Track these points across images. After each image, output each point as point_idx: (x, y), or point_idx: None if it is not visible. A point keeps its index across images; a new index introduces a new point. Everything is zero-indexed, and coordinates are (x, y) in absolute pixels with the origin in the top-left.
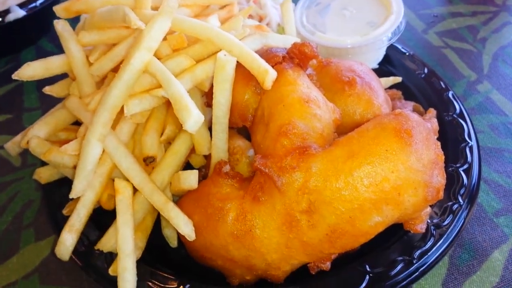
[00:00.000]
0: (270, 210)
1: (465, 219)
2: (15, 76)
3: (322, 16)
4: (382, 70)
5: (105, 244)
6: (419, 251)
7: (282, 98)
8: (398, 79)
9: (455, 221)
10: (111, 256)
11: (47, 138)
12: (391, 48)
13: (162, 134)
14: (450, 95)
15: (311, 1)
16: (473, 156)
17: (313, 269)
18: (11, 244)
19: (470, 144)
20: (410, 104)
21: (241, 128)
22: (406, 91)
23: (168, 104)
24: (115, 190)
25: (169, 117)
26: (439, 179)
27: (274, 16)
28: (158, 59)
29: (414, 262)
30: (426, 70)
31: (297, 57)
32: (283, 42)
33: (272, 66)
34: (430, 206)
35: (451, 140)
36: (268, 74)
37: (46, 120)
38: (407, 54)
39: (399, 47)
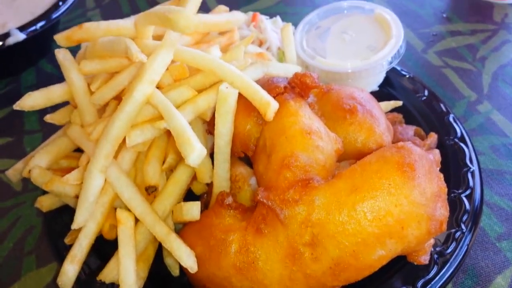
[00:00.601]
0: (273, 243)
1: (468, 245)
2: (16, 106)
3: (322, 41)
4: (383, 92)
5: (107, 275)
6: (422, 281)
7: (284, 129)
8: (399, 103)
9: (458, 248)
10: (113, 287)
11: (49, 167)
12: (391, 70)
13: (164, 162)
14: (451, 118)
15: (311, 24)
16: (475, 181)
17: None
18: (13, 271)
19: (471, 169)
20: (411, 129)
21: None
22: (407, 114)
23: (169, 132)
24: (117, 221)
25: (170, 146)
26: (442, 211)
27: (274, 40)
28: (160, 89)
29: None
30: (426, 93)
31: (298, 86)
32: (284, 71)
33: (274, 97)
34: None
35: (453, 165)
36: (270, 106)
37: (48, 149)
38: (407, 76)
39: (399, 69)
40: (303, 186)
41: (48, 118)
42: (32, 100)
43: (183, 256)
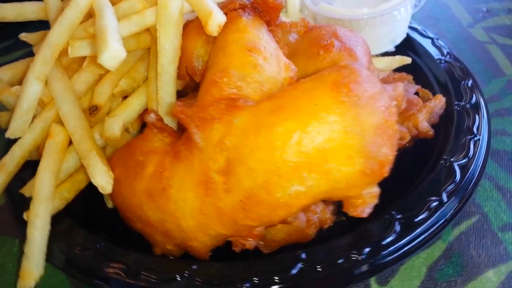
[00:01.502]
0: (188, 168)
1: (446, 219)
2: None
3: None
4: (398, 53)
5: (28, 189)
6: (371, 246)
7: (225, 45)
8: (407, 59)
9: (430, 219)
10: None
11: (10, 82)
12: (413, 31)
13: None
14: (469, 84)
15: None
16: (478, 151)
17: (236, 245)
18: None
19: (476, 138)
20: (414, 88)
21: None
22: (422, 76)
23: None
24: (48, 134)
25: (131, 71)
26: (384, 150)
27: None
28: (113, 4)
29: (363, 258)
30: (448, 57)
31: (261, 6)
32: None
33: (226, 13)
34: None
35: (456, 130)
36: (211, 16)
37: (13, 65)
38: (432, 38)
39: (422, 30)
40: (227, 105)
41: (23, 36)
42: (3, 11)
43: (97, 174)
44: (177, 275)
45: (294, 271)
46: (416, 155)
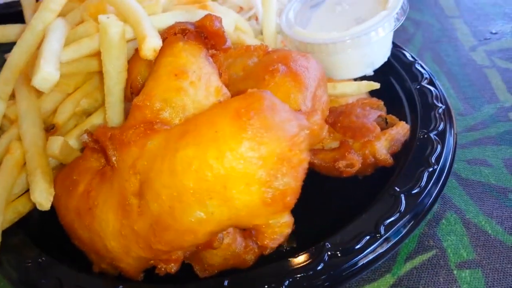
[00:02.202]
0: (109, 189)
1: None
2: None
3: (312, 11)
4: (377, 78)
5: None
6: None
7: (157, 69)
8: (375, 85)
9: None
10: None
11: None
12: (394, 55)
13: None
14: (439, 111)
15: None
16: (432, 183)
17: (159, 270)
18: None
19: (432, 169)
20: (376, 113)
21: None
22: (395, 101)
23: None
24: (8, 149)
25: (94, 91)
26: (287, 180)
27: (261, 10)
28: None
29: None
30: (425, 82)
31: (207, 34)
32: None
33: (166, 37)
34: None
35: (412, 160)
36: (145, 41)
37: None
38: (412, 61)
39: (405, 54)
40: (145, 128)
41: (8, 55)
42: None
43: (36, 191)
44: None
45: None
46: (368, 183)
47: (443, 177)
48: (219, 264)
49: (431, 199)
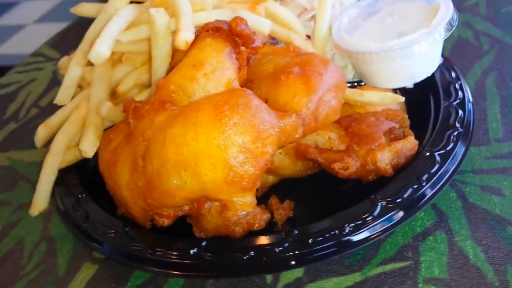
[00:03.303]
0: (129, 149)
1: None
2: (72, 10)
3: (365, 20)
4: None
5: None
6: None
7: (184, 58)
8: (399, 98)
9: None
10: None
11: None
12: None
13: None
14: (455, 133)
15: (369, 2)
16: (416, 200)
17: (156, 222)
18: None
19: (416, 186)
20: (388, 125)
21: None
22: (423, 117)
23: None
24: (77, 106)
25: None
26: (247, 167)
27: None
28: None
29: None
30: (456, 103)
31: (237, 34)
32: (253, 22)
33: (200, 32)
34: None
35: (405, 174)
36: (179, 34)
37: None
38: (452, 80)
39: (449, 71)
40: (158, 106)
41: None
42: (84, 8)
43: (84, 141)
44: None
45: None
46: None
47: (427, 197)
48: (212, 229)
49: (404, 214)
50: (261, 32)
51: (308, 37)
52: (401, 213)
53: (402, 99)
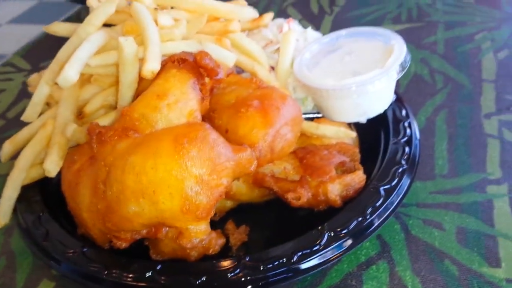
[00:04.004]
0: (91, 172)
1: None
2: (44, 28)
3: (325, 56)
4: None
5: None
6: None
7: (149, 88)
8: (351, 133)
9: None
10: None
11: None
12: (392, 110)
13: None
14: (399, 170)
15: (330, 40)
16: (361, 232)
17: (114, 244)
18: None
19: (361, 218)
20: (339, 159)
21: None
22: (371, 151)
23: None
24: (43, 124)
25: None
26: (201, 198)
27: None
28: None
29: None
30: (403, 140)
31: (201, 66)
32: (218, 55)
33: (166, 63)
34: None
35: (352, 205)
36: (146, 63)
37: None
38: (401, 119)
39: (399, 109)
40: (122, 132)
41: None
42: (57, 27)
43: (48, 160)
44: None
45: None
46: (311, 219)
47: (370, 229)
48: (169, 253)
49: (350, 244)
50: (225, 65)
51: (272, 68)
52: (347, 243)
53: (354, 134)
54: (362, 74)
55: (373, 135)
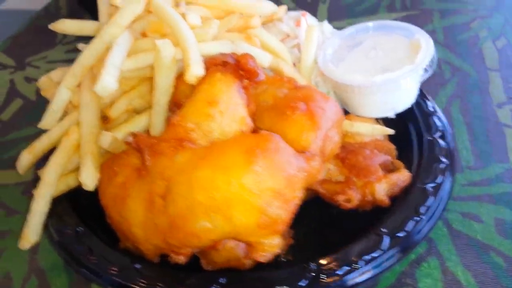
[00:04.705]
0: (142, 186)
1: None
2: (50, 26)
3: (349, 51)
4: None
5: (42, 172)
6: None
7: (196, 93)
8: (388, 131)
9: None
10: None
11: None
12: (417, 102)
13: None
14: (441, 166)
15: (350, 34)
16: (414, 232)
17: (171, 258)
18: None
19: (417, 218)
20: (382, 157)
21: None
22: (406, 148)
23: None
24: (67, 132)
25: (146, 94)
26: (278, 211)
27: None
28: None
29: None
30: (437, 135)
31: (243, 69)
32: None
33: (208, 67)
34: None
35: (403, 206)
36: (189, 69)
37: (65, 69)
38: (430, 113)
39: (426, 104)
40: (176, 144)
41: (80, 46)
42: (64, 25)
43: (84, 173)
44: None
45: None
46: (363, 218)
47: (427, 227)
48: (222, 263)
49: (412, 244)
50: (260, 65)
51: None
52: (407, 244)
53: (391, 131)
54: (392, 70)
55: (401, 129)
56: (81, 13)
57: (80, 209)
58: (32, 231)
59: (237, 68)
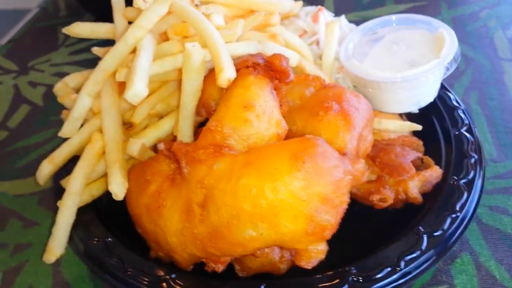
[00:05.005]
0: (177, 195)
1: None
2: (64, 30)
3: (370, 46)
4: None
5: (66, 181)
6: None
7: (229, 98)
8: (417, 127)
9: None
10: None
11: (75, 88)
12: (440, 97)
13: None
14: (472, 161)
15: (370, 28)
16: (454, 228)
17: (208, 267)
18: None
19: (455, 215)
20: (414, 155)
21: None
22: (432, 144)
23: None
24: (89, 140)
25: (168, 97)
26: (327, 217)
27: (323, 36)
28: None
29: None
30: (464, 129)
31: (274, 69)
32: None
33: (239, 69)
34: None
35: (438, 204)
36: (222, 72)
37: (81, 74)
38: (454, 107)
39: (450, 98)
40: (214, 150)
41: (95, 50)
42: (78, 28)
43: (113, 182)
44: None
45: None
46: (396, 217)
47: (464, 224)
48: (256, 268)
49: (450, 242)
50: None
51: None
52: (446, 243)
53: (419, 127)
54: (419, 65)
55: (426, 124)
56: (81, 13)
57: (104, 219)
58: (57, 244)
59: (268, 69)
